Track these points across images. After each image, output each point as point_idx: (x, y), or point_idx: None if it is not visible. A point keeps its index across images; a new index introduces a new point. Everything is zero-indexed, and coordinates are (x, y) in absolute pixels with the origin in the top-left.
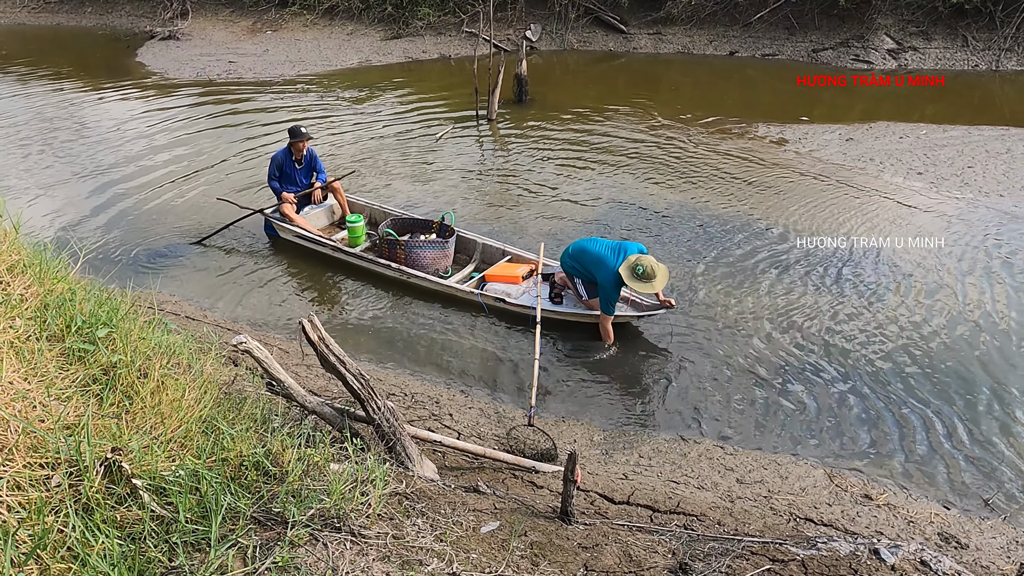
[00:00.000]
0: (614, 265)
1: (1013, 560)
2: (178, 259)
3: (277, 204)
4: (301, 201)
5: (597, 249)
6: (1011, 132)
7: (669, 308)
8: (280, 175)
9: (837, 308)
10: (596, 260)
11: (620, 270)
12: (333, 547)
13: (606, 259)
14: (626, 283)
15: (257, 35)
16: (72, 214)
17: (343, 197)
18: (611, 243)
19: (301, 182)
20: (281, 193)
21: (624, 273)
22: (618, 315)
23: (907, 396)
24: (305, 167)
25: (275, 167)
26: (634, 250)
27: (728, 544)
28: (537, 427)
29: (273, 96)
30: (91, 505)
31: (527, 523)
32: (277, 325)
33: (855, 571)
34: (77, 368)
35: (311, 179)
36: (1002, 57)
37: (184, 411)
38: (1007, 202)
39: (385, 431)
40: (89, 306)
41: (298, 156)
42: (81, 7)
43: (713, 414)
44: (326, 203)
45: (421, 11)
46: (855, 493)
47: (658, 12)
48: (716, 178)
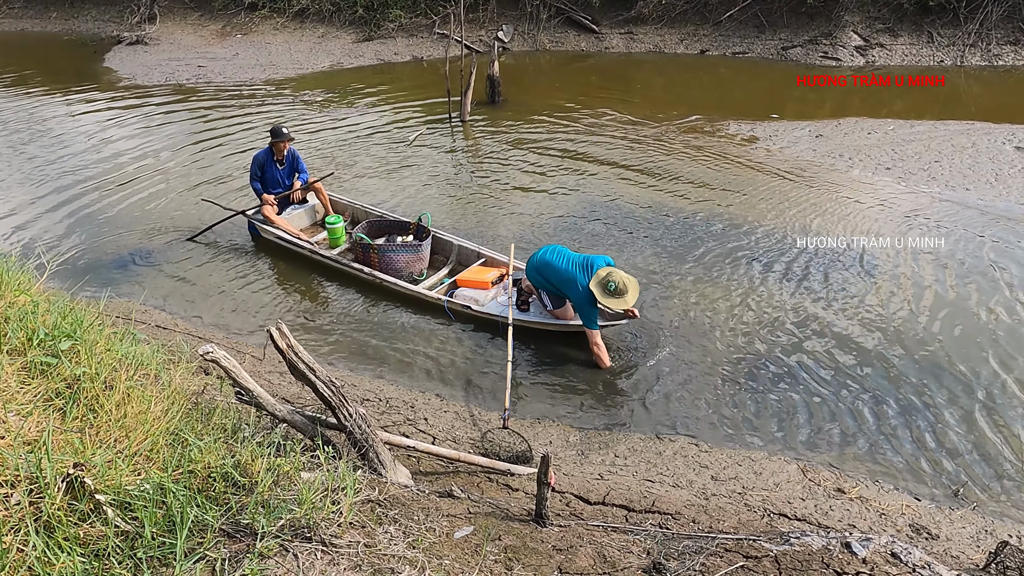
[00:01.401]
0: (585, 283)
1: (982, 549)
2: (151, 266)
3: (259, 205)
4: (283, 202)
5: (564, 265)
6: (976, 126)
7: (631, 318)
8: (262, 175)
9: (806, 304)
10: (565, 279)
11: (591, 287)
12: (303, 557)
13: (575, 277)
14: (599, 300)
15: (227, 39)
16: (39, 223)
17: (326, 197)
18: (578, 258)
19: (283, 182)
20: (262, 194)
21: (596, 291)
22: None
23: (876, 390)
24: (287, 167)
25: (257, 167)
26: (601, 263)
27: (702, 542)
28: (512, 429)
29: (244, 100)
30: (52, 523)
31: (501, 527)
32: (252, 332)
33: (827, 565)
34: (39, 382)
35: (294, 179)
36: (966, 53)
37: (150, 423)
38: (972, 195)
39: (357, 438)
40: (53, 318)
41: (280, 156)
42: (46, 12)
43: (687, 412)
44: (308, 203)
45: (392, 13)
46: (828, 487)
47: (629, 12)
48: (687, 176)
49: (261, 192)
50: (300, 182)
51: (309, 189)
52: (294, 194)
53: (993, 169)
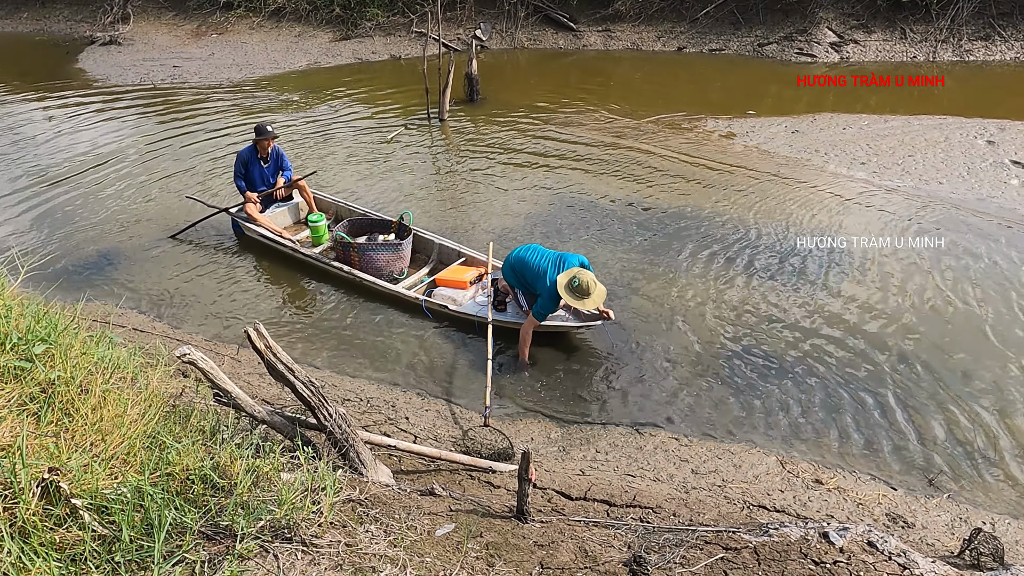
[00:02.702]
0: (554, 278)
1: (957, 536)
2: (129, 268)
3: (242, 203)
4: (267, 199)
5: (537, 261)
6: (948, 121)
7: (607, 320)
8: (246, 173)
9: (783, 298)
10: (536, 273)
11: (557, 280)
12: (284, 558)
13: (546, 271)
14: (560, 295)
15: (202, 39)
16: (10, 226)
17: (309, 195)
18: (552, 255)
19: (268, 180)
20: (245, 192)
21: (560, 284)
22: (558, 325)
23: (852, 381)
24: (271, 165)
25: (240, 165)
26: (575, 261)
27: (682, 535)
28: (493, 427)
29: (220, 100)
30: (27, 528)
31: (483, 524)
32: (231, 332)
33: (805, 555)
34: (13, 387)
35: (278, 177)
36: (938, 48)
37: (127, 426)
38: (945, 189)
39: (337, 438)
40: (26, 322)
41: (264, 154)
42: (16, 12)
43: (668, 407)
44: (292, 201)
45: (370, 12)
46: (806, 478)
47: (607, 9)
48: (666, 172)
49: (245, 190)
50: (284, 179)
51: (293, 187)
52: (277, 192)
53: (965, 163)
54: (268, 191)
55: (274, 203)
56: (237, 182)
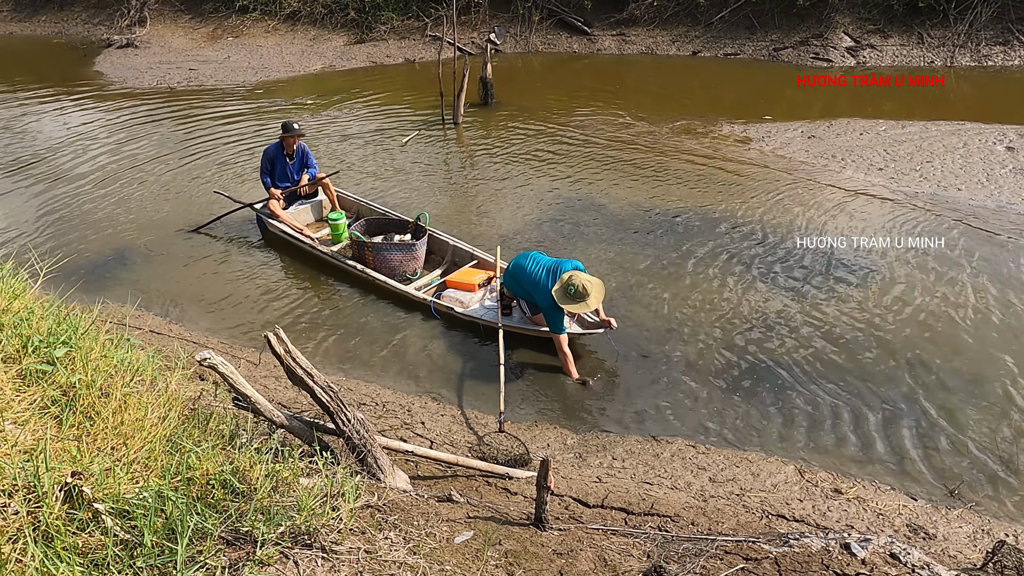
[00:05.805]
0: (550, 287)
1: (979, 548)
2: (146, 270)
3: (266, 199)
4: (291, 196)
5: (533, 269)
6: (966, 127)
7: (609, 328)
8: (272, 169)
9: (802, 305)
10: (533, 283)
11: (553, 291)
12: (304, 564)
13: (542, 281)
14: (560, 307)
15: (218, 42)
16: (30, 229)
17: (332, 193)
18: (548, 262)
19: (292, 177)
20: (270, 188)
21: (557, 296)
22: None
23: (872, 390)
24: (297, 162)
25: (267, 160)
26: (568, 267)
27: (702, 544)
28: (508, 432)
29: (236, 103)
30: (51, 532)
31: (501, 531)
32: (248, 335)
33: (827, 567)
34: (35, 390)
35: (303, 174)
36: (956, 53)
37: (148, 430)
38: (964, 195)
39: (355, 443)
40: (48, 324)
41: (289, 151)
42: (35, 15)
43: (684, 414)
44: (315, 199)
45: (384, 16)
46: (825, 488)
47: (621, 13)
48: (681, 177)
49: (270, 186)
50: (308, 176)
51: (316, 184)
52: (301, 188)
53: (984, 169)
54: (292, 188)
55: (298, 200)
56: (263, 178)
